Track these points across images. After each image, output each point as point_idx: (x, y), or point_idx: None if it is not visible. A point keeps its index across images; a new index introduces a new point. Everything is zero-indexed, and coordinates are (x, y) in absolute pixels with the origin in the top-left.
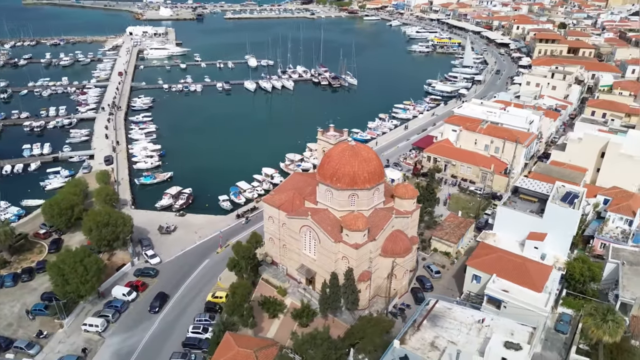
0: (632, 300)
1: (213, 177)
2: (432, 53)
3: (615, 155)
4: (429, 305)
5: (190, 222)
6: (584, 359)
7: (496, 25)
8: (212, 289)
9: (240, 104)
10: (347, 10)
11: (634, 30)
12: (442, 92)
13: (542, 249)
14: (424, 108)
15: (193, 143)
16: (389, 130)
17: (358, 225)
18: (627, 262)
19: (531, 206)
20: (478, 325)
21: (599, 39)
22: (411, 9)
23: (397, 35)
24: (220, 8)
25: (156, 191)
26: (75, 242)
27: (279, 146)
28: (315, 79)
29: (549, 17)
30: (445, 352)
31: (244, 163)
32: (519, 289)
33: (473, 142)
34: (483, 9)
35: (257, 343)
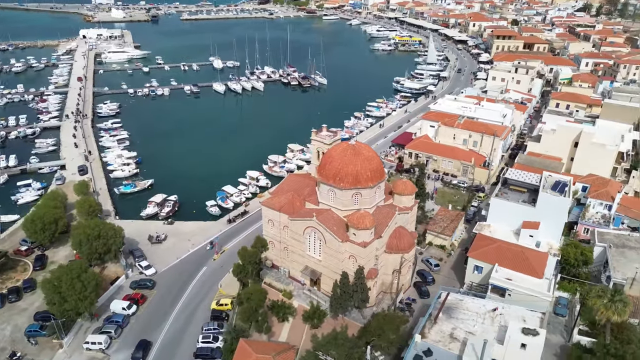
0: (624, 281)
1: (196, 182)
2: (394, 51)
3: (588, 144)
4: (441, 298)
5: (180, 230)
6: (587, 339)
7: (452, 23)
8: (215, 297)
9: (212, 107)
10: (306, 10)
11: (582, 25)
12: (410, 89)
13: (536, 237)
14: (396, 105)
15: (169, 148)
16: (365, 128)
17: (366, 223)
18: (612, 244)
19: (521, 196)
20: (492, 314)
21: (550, 35)
22: (368, 7)
23: (358, 34)
24: (175, 9)
25: (138, 200)
26: (60, 258)
27: (259, 148)
28: (284, 79)
29: (501, 14)
30: (468, 343)
31: (226, 167)
32: (521, 277)
33: (452, 137)
34: (438, 7)
35: (273, 348)
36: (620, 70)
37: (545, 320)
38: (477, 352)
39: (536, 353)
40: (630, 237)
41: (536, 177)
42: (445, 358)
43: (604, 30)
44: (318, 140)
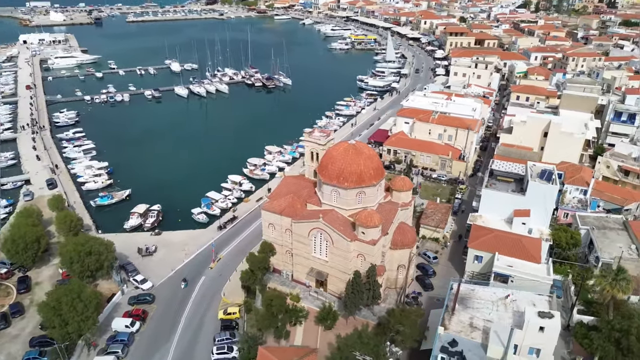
0: (611, 260)
1: (176, 190)
2: (351, 50)
3: (557, 133)
4: (454, 290)
5: (169, 240)
6: (588, 318)
7: (404, 21)
8: (219, 306)
9: (177, 112)
10: (256, 10)
11: (525, 21)
12: (375, 87)
13: (528, 224)
14: (364, 103)
15: (141, 156)
16: (338, 127)
17: (374, 221)
18: (594, 227)
19: (509, 186)
20: (505, 301)
21: (498, 31)
22: (319, 7)
23: (313, 33)
24: (118, 11)
25: (117, 212)
26: (45, 278)
27: (235, 151)
28: (248, 80)
29: (448, 12)
30: (491, 331)
31: (205, 172)
32: (522, 263)
33: (427, 132)
34: (388, 5)
35: (294, 353)
36: (570, 63)
37: (554, 302)
38: (501, 339)
39: (554, 335)
40: (608, 218)
41: (521, 167)
42: (470, 347)
43: (546, 25)
44: (312, 142)
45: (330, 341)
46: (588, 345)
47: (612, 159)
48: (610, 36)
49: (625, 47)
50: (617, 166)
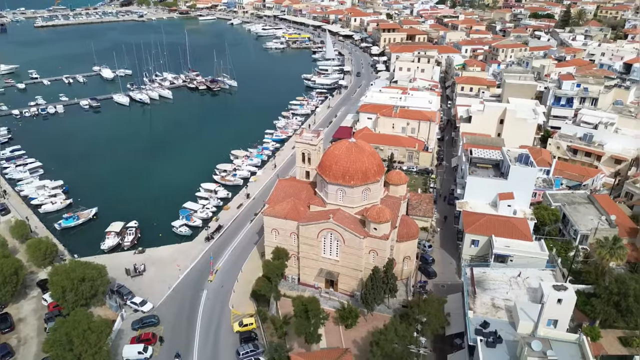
0: (588, 231)
1: (147, 204)
2: (286, 49)
3: (513, 120)
4: (468, 274)
5: (156, 257)
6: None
7: (333, 19)
8: (231, 319)
9: (122, 121)
10: (178, 11)
11: (447, 16)
12: (322, 85)
13: (513, 205)
14: (317, 102)
15: (96, 171)
16: (297, 127)
17: (386, 216)
18: (565, 203)
19: (487, 172)
20: (517, 279)
21: (424, 26)
22: (244, 6)
23: (243, 33)
24: (22, 15)
25: (86, 233)
26: (27, 313)
27: (200, 158)
28: (190, 84)
29: (372, 8)
30: (517, 310)
31: (174, 183)
32: (517, 242)
33: (391, 126)
34: (314, 4)
35: (327, 355)
36: (500, 54)
37: (558, 275)
38: (529, 315)
39: (570, 305)
40: (574, 194)
41: (497, 153)
42: (500, 326)
43: (467, 20)
44: (304, 143)
45: (355, 339)
46: (590, 311)
47: (562, 140)
48: (524, 28)
49: (542, 37)
50: (566, 146)
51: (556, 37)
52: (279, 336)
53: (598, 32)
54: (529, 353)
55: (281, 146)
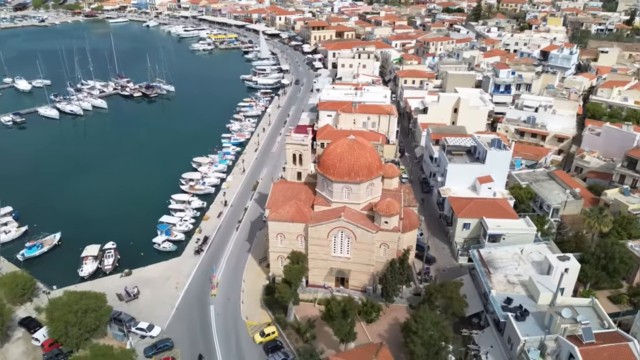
0: (559, 205)
1: (116, 223)
2: (215, 50)
3: (466, 108)
4: (477, 256)
5: (147, 278)
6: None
7: (256, 18)
8: (250, 331)
9: (56, 136)
10: (84, 14)
11: (369, 13)
12: (265, 85)
13: (493, 188)
14: (265, 102)
15: (44, 193)
16: (253, 129)
17: (396, 209)
18: (532, 181)
19: (463, 158)
20: (522, 255)
21: (350, 23)
22: (156, 7)
23: (162, 36)
24: None
25: (55, 261)
26: (17, 357)
27: (159, 169)
28: (123, 91)
29: (293, 7)
30: (534, 283)
31: (139, 198)
32: (506, 222)
33: (352, 121)
34: (233, 3)
35: (364, 353)
36: (430, 47)
37: (553, 246)
38: (546, 286)
39: (575, 273)
40: (535, 173)
41: (469, 140)
42: (522, 300)
43: (389, 16)
44: (295, 143)
45: (379, 333)
46: (583, 276)
47: (509, 124)
48: (442, 22)
49: (461, 30)
50: (514, 129)
51: (472, 29)
52: (304, 341)
53: (506, 23)
54: (562, 321)
55: (242, 149)
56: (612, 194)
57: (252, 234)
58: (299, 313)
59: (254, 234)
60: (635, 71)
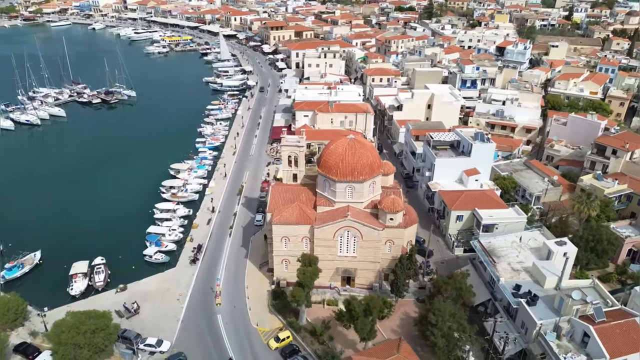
0: (541, 192)
1: (100, 236)
2: (171, 53)
3: (440, 104)
4: (479, 247)
5: (144, 292)
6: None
7: (209, 19)
8: (262, 337)
9: (14, 148)
10: (22, 18)
11: (324, 12)
12: (231, 87)
13: (480, 180)
14: (235, 104)
15: (14, 209)
16: (226, 132)
17: (400, 205)
18: (511, 172)
19: (447, 152)
20: (521, 243)
21: (307, 22)
22: (101, 9)
23: (112, 39)
24: None
25: (39, 281)
26: None
27: (136, 178)
28: (81, 98)
29: (246, 7)
30: (539, 268)
31: (120, 209)
32: (497, 212)
33: (329, 121)
34: (183, 4)
35: (385, 349)
36: (392, 45)
37: (546, 232)
38: (551, 271)
39: (572, 256)
40: (513, 163)
41: (452, 135)
42: (529, 286)
43: (344, 15)
44: (290, 145)
45: (392, 328)
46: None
47: (480, 118)
48: (396, 20)
49: (418, 28)
50: (485, 122)
51: (427, 27)
52: (320, 343)
53: (457, 21)
54: (573, 303)
55: (220, 154)
56: (587, 180)
57: (246, 240)
58: (309, 315)
59: (247, 239)
60: (584, 64)
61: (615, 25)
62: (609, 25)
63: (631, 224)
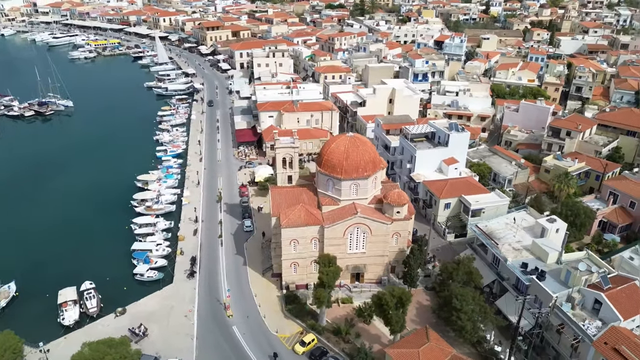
0: (512, 175)
1: (80, 259)
2: (98, 58)
3: (401, 97)
4: (478, 231)
5: (146, 312)
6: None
7: (134, 20)
8: (285, 344)
9: None
10: None
11: (257, 11)
12: (177, 91)
13: (458, 168)
14: (186, 109)
15: None
16: (185, 138)
17: (406, 198)
18: (479, 158)
19: (425, 144)
20: (514, 224)
21: (242, 22)
22: (6, 13)
23: (26, 45)
24: None
25: (22, 315)
26: None
27: (102, 194)
28: (10, 112)
29: (172, 7)
30: (539, 245)
31: (94, 228)
32: (481, 197)
33: (295, 120)
34: (101, 5)
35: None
36: (335, 43)
37: (533, 212)
38: (551, 246)
39: (562, 232)
40: (479, 150)
41: (426, 127)
42: (534, 263)
43: (278, 13)
44: (285, 147)
45: (411, 318)
46: None
47: (438, 109)
48: (330, 17)
49: (354, 25)
50: (442, 113)
51: (362, 24)
52: (345, 342)
53: (389, 17)
54: (581, 274)
55: (185, 161)
56: (550, 161)
57: (239, 247)
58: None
59: (240, 246)
60: (515, 54)
61: (531, 17)
62: (526, 18)
63: (596, 198)
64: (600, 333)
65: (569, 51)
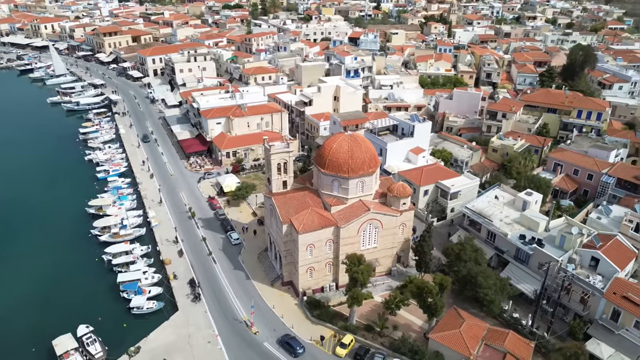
0: (468, 158)
1: (60, 306)
2: None
3: (346, 94)
4: (470, 212)
5: (163, 346)
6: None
7: (7, 29)
8: (324, 349)
9: None
10: None
11: (152, 14)
12: (92, 105)
13: (426, 156)
14: (111, 123)
15: None
16: (122, 154)
17: (409, 189)
18: (433, 145)
19: (390, 137)
20: (498, 202)
21: (140, 26)
22: None
23: None
24: None
25: None
26: None
27: (53, 227)
28: None
29: (47, 12)
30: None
31: (61, 267)
32: (455, 180)
33: (246, 125)
34: None
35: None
36: (253, 43)
37: (507, 188)
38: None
39: (539, 202)
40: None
41: (386, 120)
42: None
43: (179, 15)
44: (279, 152)
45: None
46: None
47: (378, 103)
48: (234, 18)
49: (263, 25)
50: (382, 106)
51: (267, 23)
52: (381, 336)
53: (291, 16)
54: (575, 237)
55: (133, 180)
56: (496, 141)
57: (234, 262)
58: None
59: (235, 261)
60: (424, 47)
61: (422, 12)
62: (418, 13)
63: (544, 170)
64: (608, 285)
65: (464, 42)
